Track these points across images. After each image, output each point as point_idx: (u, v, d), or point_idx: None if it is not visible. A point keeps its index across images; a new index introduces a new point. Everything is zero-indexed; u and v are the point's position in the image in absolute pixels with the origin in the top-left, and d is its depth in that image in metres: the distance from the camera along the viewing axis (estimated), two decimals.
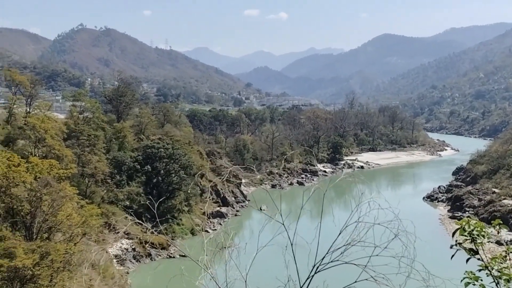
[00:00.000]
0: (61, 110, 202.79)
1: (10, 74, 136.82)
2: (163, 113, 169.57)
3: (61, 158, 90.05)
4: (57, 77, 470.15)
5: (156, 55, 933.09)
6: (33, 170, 66.75)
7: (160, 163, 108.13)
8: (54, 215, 59.73)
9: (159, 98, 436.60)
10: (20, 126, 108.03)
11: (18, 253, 50.48)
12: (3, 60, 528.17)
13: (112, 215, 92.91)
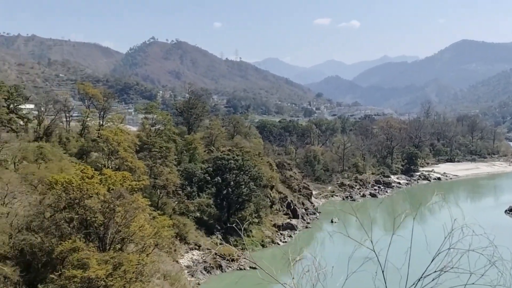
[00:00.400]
0: (133, 122, 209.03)
1: (84, 88, 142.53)
2: (233, 125, 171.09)
3: (133, 170, 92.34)
4: (129, 90, 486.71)
5: (226, 66, 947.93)
6: (106, 182, 68.49)
7: (230, 174, 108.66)
8: (127, 226, 60.85)
9: (229, 110, 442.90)
10: (94, 138, 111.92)
11: (92, 264, 51.64)
12: (76, 74, 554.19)
13: (183, 226, 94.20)
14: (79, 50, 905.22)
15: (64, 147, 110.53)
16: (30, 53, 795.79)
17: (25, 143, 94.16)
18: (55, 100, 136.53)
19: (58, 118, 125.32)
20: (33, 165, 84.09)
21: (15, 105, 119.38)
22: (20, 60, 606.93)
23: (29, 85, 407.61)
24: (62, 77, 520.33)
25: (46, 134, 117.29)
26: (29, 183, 73.21)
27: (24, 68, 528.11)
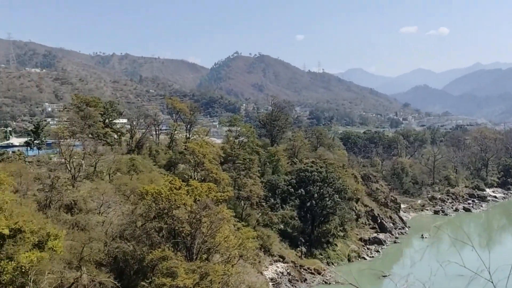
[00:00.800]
0: (218, 135, 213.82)
1: (172, 102, 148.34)
2: (316, 136, 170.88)
3: (218, 181, 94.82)
4: (214, 103, 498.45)
5: (308, 78, 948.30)
6: (193, 193, 70.90)
7: (314, 186, 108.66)
8: (212, 236, 62.71)
9: (312, 121, 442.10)
10: (181, 151, 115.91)
11: (180, 272, 53.70)
12: (165, 89, 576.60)
13: (267, 238, 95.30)
14: (167, 67, 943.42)
15: (154, 159, 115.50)
16: (123, 70, 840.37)
17: (118, 156, 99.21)
18: (145, 115, 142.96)
19: (149, 131, 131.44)
20: (126, 176, 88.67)
21: (110, 119, 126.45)
22: (114, 77, 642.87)
23: (123, 100, 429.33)
24: (152, 93, 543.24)
25: (137, 146, 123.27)
26: (122, 193, 77.32)
27: (118, 85, 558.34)
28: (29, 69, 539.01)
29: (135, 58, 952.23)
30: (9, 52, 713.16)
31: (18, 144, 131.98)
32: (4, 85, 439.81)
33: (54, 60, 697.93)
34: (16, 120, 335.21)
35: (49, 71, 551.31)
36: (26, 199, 64.51)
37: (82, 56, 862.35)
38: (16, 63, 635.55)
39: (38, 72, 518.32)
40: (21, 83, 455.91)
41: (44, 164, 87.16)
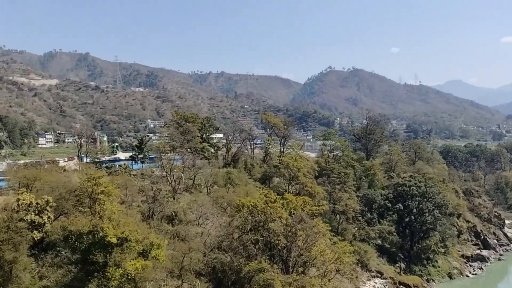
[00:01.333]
0: (312, 149, 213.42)
1: (266, 117, 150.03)
2: (414, 150, 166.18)
3: (313, 195, 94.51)
4: (307, 118, 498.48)
5: (404, 91, 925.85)
6: (288, 206, 71.13)
7: (412, 201, 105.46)
8: (308, 250, 62.37)
9: (409, 135, 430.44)
10: (275, 164, 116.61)
11: (276, 285, 53.76)
12: (259, 105, 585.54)
13: (364, 253, 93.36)
14: (261, 83, 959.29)
15: (249, 172, 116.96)
16: (219, 87, 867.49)
17: (215, 169, 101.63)
18: (241, 130, 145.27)
19: (244, 146, 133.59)
20: (222, 189, 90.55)
21: (207, 134, 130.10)
22: (211, 94, 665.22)
23: (219, 116, 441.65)
24: (247, 108, 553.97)
25: (233, 160, 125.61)
26: (219, 205, 78.91)
27: (215, 102, 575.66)
28: (134, 89, 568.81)
29: (231, 76, 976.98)
30: (116, 73, 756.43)
31: (124, 158, 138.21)
32: (112, 103, 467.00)
33: (156, 79, 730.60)
34: (122, 136, 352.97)
35: (152, 90, 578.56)
36: (131, 209, 67.52)
37: (181, 75, 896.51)
38: (122, 83, 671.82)
39: (141, 91, 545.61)
40: (126, 101, 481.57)
41: (147, 177, 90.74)
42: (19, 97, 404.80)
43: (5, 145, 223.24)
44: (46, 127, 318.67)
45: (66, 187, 63.72)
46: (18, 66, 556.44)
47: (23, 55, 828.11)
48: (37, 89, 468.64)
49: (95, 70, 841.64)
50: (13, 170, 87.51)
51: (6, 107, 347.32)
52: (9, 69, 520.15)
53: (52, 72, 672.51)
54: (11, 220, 51.87)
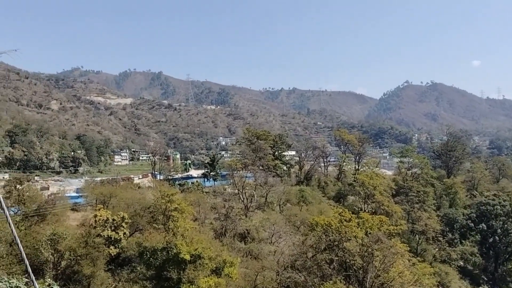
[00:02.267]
0: (388, 166, 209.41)
1: (340, 134, 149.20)
2: (498, 167, 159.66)
3: (390, 214, 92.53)
4: (383, 134, 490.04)
5: (487, 106, 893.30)
6: (363, 225, 69.88)
7: (497, 221, 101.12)
8: (386, 271, 60.81)
9: (492, 151, 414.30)
10: (350, 182, 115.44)
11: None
12: (332, 121, 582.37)
13: (445, 275, 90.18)
14: (334, 99, 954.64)
15: (323, 190, 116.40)
16: (291, 104, 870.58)
17: (288, 187, 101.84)
18: (313, 147, 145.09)
19: (317, 163, 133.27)
20: (295, 207, 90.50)
21: (279, 152, 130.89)
22: (283, 111, 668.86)
23: (291, 133, 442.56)
24: (320, 125, 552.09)
25: (306, 178, 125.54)
26: (293, 224, 78.84)
27: (287, 118, 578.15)
28: (206, 106, 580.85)
29: (303, 92, 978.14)
30: (188, 91, 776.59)
31: (196, 175, 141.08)
32: (184, 121, 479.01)
33: (228, 97, 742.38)
34: (195, 153, 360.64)
35: (223, 107, 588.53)
36: (204, 227, 68.61)
37: (253, 92, 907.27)
38: (194, 101, 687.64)
39: (213, 109, 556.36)
40: (198, 119, 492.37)
41: (220, 194, 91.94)
42: (96, 116, 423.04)
43: (83, 163, 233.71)
44: (121, 145, 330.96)
45: (141, 204, 65.73)
46: (95, 86, 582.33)
47: (100, 75, 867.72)
48: (113, 108, 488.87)
49: (168, 89, 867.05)
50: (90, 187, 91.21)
51: (84, 125, 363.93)
52: (86, 89, 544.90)
53: (127, 91, 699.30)
54: (89, 235, 53.97)
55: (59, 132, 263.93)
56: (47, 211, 65.55)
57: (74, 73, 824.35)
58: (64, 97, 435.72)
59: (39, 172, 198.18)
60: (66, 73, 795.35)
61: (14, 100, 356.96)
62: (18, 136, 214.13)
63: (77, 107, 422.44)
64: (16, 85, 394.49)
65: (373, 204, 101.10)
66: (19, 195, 65.96)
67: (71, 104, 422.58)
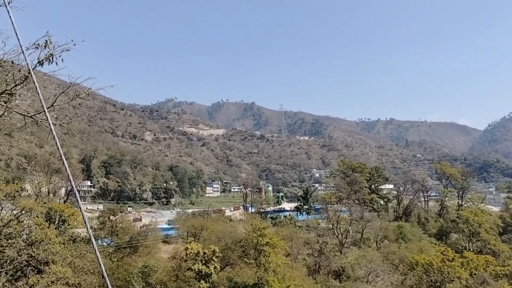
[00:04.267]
0: (494, 202, 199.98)
1: (441, 167, 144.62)
2: None
3: (497, 253, 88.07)
4: (489, 168, 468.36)
5: None
6: (468, 265, 67.15)
7: None
8: None
9: None
10: (453, 219, 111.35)
11: None
12: (433, 153, 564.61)
13: None
14: (435, 130, 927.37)
15: (423, 227, 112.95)
16: (388, 135, 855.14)
17: (385, 222, 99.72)
18: (413, 180, 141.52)
19: (416, 197, 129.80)
20: (393, 244, 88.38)
21: (376, 185, 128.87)
22: (379, 142, 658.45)
23: (388, 166, 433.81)
24: (419, 157, 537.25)
25: (405, 213, 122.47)
26: (390, 262, 76.88)
27: (383, 150, 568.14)
28: (299, 137, 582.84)
29: (400, 123, 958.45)
30: (281, 122, 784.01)
31: (289, 208, 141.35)
32: (277, 152, 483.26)
33: (321, 127, 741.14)
34: (287, 185, 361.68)
35: (317, 139, 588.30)
36: (297, 263, 68.53)
37: (347, 123, 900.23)
38: (287, 132, 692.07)
39: (306, 140, 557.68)
40: (291, 150, 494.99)
41: (313, 229, 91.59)
42: (188, 147, 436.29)
43: (175, 194, 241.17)
44: (213, 176, 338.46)
45: (232, 237, 66.78)
46: (188, 117, 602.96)
47: (193, 106, 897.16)
48: (205, 139, 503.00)
49: (260, 119, 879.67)
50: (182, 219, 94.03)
51: (177, 156, 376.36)
52: (179, 120, 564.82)
53: (219, 122, 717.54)
54: (180, 269, 55.49)
55: (152, 163, 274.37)
56: (139, 243, 68.15)
57: (168, 104, 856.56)
58: (157, 128, 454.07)
59: (132, 203, 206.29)
60: (160, 104, 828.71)
61: (110, 131, 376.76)
62: (112, 167, 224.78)
63: (170, 138, 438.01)
64: (112, 116, 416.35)
65: (478, 242, 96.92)
66: (112, 226, 69.19)
67: (165, 135, 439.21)
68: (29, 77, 11.18)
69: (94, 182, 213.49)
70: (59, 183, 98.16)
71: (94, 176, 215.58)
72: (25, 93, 12.11)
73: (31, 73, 9.47)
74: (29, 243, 45.09)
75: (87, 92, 12.12)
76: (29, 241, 45.30)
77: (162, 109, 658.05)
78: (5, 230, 42.65)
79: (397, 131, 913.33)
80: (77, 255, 47.98)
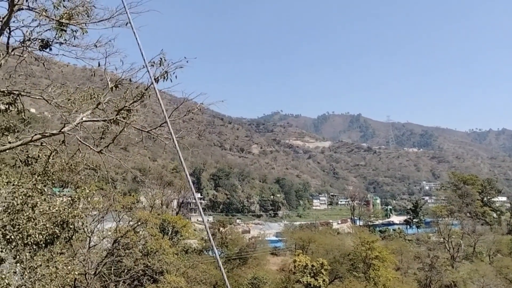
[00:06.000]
0: None
1: None
2: None
3: None
4: None
5: None
6: None
7: None
8: None
9: None
10: None
11: None
12: None
13: None
14: None
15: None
16: (501, 146, 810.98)
17: (498, 236, 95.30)
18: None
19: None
20: (507, 259, 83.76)
21: (488, 198, 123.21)
22: (491, 153, 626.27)
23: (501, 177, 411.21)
24: None
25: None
26: (504, 276, 72.95)
27: (496, 161, 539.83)
28: (407, 149, 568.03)
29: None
30: (388, 133, 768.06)
31: (397, 222, 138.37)
32: (384, 165, 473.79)
33: (431, 139, 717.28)
34: (396, 198, 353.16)
35: (426, 150, 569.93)
36: (407, 277, 66.77)
37: (458, 134, 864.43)
38: (394, 144, 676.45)
39: (415, 152, 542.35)
40: (399, 162, 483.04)
41: (423, 242, 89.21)
42: (294, 159, 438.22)
43: (282, 206, 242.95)
44: (319, 189, 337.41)
45: (340, 250, 66.30)
46: (293, 129, 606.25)
47: (298, 119, 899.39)
48: (311, 152, 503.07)
49: (367, 131, 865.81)
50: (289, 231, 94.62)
51: (283, 169, 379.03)
52: (285, 133, 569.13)
53: (325, 135, 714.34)
54: (289, 281, 55.81)
55: (259, 176, 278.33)
56: (248, 255, 69.29)
57: (274, 117, 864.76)
58: (264, 141, 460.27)
59: (240, 215, 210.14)
60: (266, 117, 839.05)
61: (218, 144, 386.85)
62: (221, 180, 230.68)
63: (277, 151, 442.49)
64: (220, 130, 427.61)
65: None
66: (222, 237, 70.88)
67: (271, 148, 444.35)
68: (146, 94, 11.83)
69: (204, 194, 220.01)
70: (171, 195, 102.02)
71: (204, 188, 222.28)
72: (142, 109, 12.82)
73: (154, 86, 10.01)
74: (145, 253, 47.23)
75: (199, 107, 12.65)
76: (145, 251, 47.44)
77: (268, 122, 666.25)
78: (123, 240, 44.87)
79: (510, 141, 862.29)
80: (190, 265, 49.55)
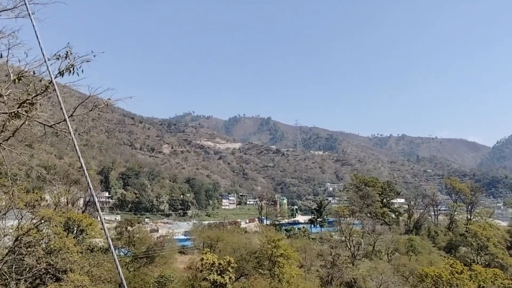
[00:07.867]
0: (502, 217, 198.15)
1: (451, 182, 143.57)
2: None
3: (505, 267, 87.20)
4: (497, 183, 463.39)
5: None
6: (476, 278, 66.35)
7: None
8: None
9: None
10: (462, 233, 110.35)
11: None
12: (443, 169, 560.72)
13: None
14: (445, 146, 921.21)
15: (433, 240, 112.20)
16: (400, 151, 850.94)
17: (396, 235, 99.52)
18: (423, 195, 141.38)
19: (427, 211, 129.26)
20: (404, 257, 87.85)
21: (387, 199, 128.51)
22: (391, 158, 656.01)
23: (400, 180, 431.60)
24: (430, 173, 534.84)
25: (415, 227, 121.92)
26: (401, 274, 76.36)
27: (395, 165, 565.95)
28: (313, 152, 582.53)
29: (412, 139, 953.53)
30: (296, 137, 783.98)
31: (303, 221, 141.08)
32: (292, 166, 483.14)
33: (335, 143, 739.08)
34: (301, 199, 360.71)
35: (331, 153, 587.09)
36: (310, 274, 68.23)
37: (361, 138, 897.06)
38: (302, 147, 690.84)
39: (321, 154, 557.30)
40: (306, 164, 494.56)
41: (326, 241, 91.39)
42: (205, 160, 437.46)
43: (191, 206, 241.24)
44: (229, 189, 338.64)
45: (247, 249, 66.72)
46: (205, 130, 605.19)
47: (210, 120, 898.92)
48: (222, 152, 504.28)
49: (276, 134, 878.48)
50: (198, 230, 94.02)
51: (194, 169, 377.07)
52: (197, 134, 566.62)
53: (235, 136, 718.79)
54: (195, 279, 55.46)
55: (170, 175, 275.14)
56: (155, 253, 68.22)
57: (186, 118, 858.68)
58: (175, 141, 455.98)
59: (149, 214, 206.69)
60: (178, 118, 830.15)
61: (128, 143, 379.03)
62: (130, 179, 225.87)
63: (188, 151, 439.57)
64: (131, 129, 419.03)
65: (487, 256, 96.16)
66: (129, 236, 69.38)
67: (182, 148, 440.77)
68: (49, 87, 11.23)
69: (112, 193, 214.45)
70: (77, 193, 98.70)
71: (112, 187, 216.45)
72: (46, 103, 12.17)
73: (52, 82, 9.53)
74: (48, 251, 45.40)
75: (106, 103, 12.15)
76: (48, 250, 45.62)
77: (180, 122, 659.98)
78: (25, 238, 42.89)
79: (409, 147, 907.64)
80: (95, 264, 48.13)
